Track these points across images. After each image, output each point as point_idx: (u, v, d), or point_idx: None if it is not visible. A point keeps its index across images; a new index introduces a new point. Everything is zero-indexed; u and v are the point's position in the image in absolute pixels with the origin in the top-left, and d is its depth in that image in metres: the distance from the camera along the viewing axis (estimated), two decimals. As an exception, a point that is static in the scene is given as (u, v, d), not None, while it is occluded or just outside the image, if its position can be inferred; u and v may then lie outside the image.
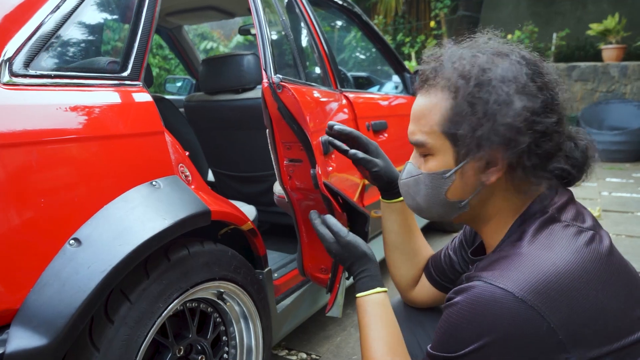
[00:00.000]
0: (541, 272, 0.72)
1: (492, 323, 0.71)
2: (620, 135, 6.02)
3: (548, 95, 0.80)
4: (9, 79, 0.98)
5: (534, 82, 0.79)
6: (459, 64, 0.82)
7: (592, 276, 0.73)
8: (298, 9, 1.97)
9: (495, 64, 0.80)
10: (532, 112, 0.77)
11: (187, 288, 1.20)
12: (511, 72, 0.79)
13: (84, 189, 1.03)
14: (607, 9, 7.63)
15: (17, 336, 0.90)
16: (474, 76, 0.80)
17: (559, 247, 0.75)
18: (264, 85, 1.41)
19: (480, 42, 0.88)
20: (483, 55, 0.82)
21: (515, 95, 0.77)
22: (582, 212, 0.85)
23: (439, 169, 0.86)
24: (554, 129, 0.79)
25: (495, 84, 0.78)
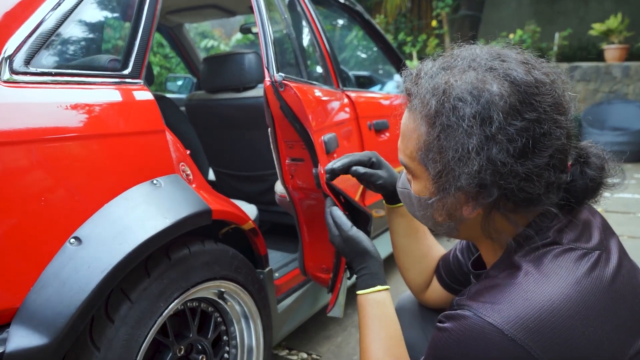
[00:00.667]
0: (534, 308, 0.67)
1: (479, 358, 0.68)
2: (622, 135, 6.00)
3: (536, 133, 0.70)
4: (9, 77, 0.98)
5: (516, 119, 0.69)
6: (433, 89, 0.75)
7: (592, 311, 0.68)
8: (300, 8, 1.96)
9: (467, 101, 0.70)
10: (503, 163, 0.69)
11: (187, 287, 1.20)
12: (485, 113, 0.69)
13: (84, 187, 1.03)
14: (609, 9, 7.61)
15: (17, 335, 0.90)
16: (442, 114, 0.72)
17: (556, 277, 0.70)
18: (266, 84, 1.41)
19: (469, 53, 0.78)
20: (460, 82, 0.73)
21: (482, 145, 0.69)
22: (588, 227, 0.78)
23: (421, 194, 0.83)
24: (538, 172, 0.70)
25: (460, 132, 0.70)
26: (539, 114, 0.70)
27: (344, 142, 1.87)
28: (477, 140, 0.69)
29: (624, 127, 6.08)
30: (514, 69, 0.72)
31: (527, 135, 0.69)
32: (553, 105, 0.72)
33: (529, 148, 0.69)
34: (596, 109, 6.50)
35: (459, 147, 0.70)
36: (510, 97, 0.69)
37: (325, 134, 1.58)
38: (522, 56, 0.77)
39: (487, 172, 0.69)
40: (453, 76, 0.74)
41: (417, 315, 1.24)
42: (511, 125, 0.69)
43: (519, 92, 0.70)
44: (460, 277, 1.12)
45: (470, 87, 0.71)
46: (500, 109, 0.69)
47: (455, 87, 0.72)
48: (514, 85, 0.71)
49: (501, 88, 0.70)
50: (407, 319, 1.26)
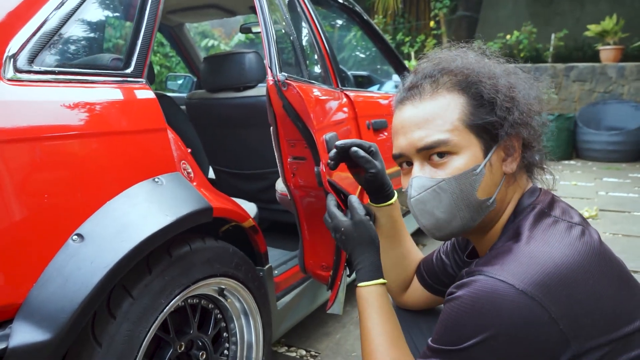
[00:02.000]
0: (540, 265, 0.74)
1: (495, 315, 0.72)
2: (617, 135, 6.03)
3: (534, 89, 0.89)
4: (13, 75, 0.99)
5: (524, 73, 0.90)
6: (460, 63, 0.88)
7: (588, 267, 0.75)
8: (300, 8, 1.97)
9: (497, 61, 0.90)
10: (539, 99, 0.88)
11: (188, 284, 1.21)
12: (508, 66, 0.90)
13: (87, 184, 1.04)
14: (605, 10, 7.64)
15: (20, 331, 0.91)
16: (487, 70, 0.87)
17: (554, 240, 0.78)
18: (269, 83, 1.42)
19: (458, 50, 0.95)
20: (473, 54, 0.92)
21: (526, 83, 0.87)
22: (568, 209, 0.88)
23: (467, 166, 0.84)
24: (545, 120, 0.90)
25: (510, 74, 0.88)
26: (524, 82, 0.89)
27: (344, 140, 1.88)
28: (523, 80, 0.89)
29: (619, 126, 6.11)
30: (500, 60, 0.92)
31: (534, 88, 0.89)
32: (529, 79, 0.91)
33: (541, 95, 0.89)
34: (592, 108, 6.53)
35: (519, 83, 0.87)
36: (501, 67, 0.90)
37: (326, 133, 1.60)
38: None
39: (536, 104, 0.87)
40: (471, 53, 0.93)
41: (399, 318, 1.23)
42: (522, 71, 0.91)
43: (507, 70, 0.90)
44: (444, 278, 1.13)
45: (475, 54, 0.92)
46: (511, 65, 0.91)
47: (464, 57, 0.91)
48: (504, 65, 0.91)
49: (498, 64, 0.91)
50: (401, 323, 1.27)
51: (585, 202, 4.14)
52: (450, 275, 1.12)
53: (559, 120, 6.21)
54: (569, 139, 6.39)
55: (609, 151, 6.07)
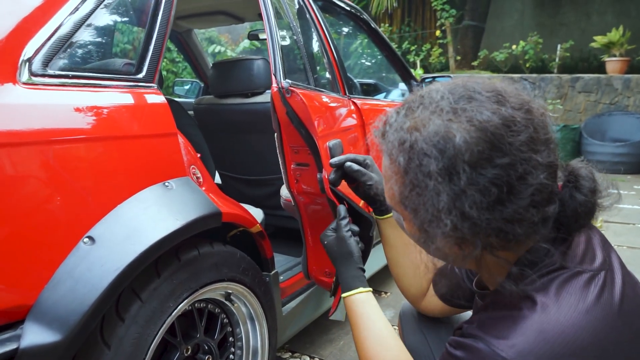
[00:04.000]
0: (547, 341, 0.65)
1: None
2: (622, 147, 6.03)
3: (511, 177, 0.65)
4: (28, 78, 1.00)
5: (485, 168, 0.65)
6: (400, 140, 0.72)
7: (604, 339, 0.66)
8: (309, 15, 1.99)
9: (433, 155, 0.67)
10: (478, 215, 0.66)
11: (196, 288, 1.22)
12: (451, 167, 0.66)
13: (99, 187, 1.04)
14: (611, 22, 7.67)
15: (31, 332, 0.91)
16: (410, 171, 0.70)
17: (567, 307, 0.67)
18: (273, 90, 1.43)
19: (438, 96, 0.73)
20: (427, 131, 0.68)
21: (453, 201, 0.67)
22: (590, 245, 0.76)
23: (411, 234, 0.80)
24: (519, 215, 0.67)
25: (429, 192, 0.68)
26: (512, 157, 0.65)
27: (350, 148, 1.89)
28: (446, 199, 0.66)
29: (625, 138, 6.11)
30: (481, 111, 0.67)
31: (501, 182, 0.65)
32: (528, 143, 0.66)
33: (505, 195, 0.66)
34: (597, 120, 6.54)
35: (429, 207, 0.69)
36: (477, 145, 0.65)
37: (330, 140, 1.61)
38: (494, 87, 0.71)
39: (464, 227, 0.67)
40: (418, 127, 0.70)
41: (419, 320, 1.25)
42: (481, 175, 0.65)
43: (487, 138, 0.65)
44: (458, 290, 1.10)
45: (435, 139, 0.67)
46: (467, 160, 0.65)
47: (419, 140, 0.69)
48: (481, 131, 0.65)
49: (467, 136, 0.65)
50: (410, 324, 1.28)
51: (590, 213, 4.14)
52: (462, 288, 1.09)
53: (565, 131, 6.22)
54: (574, 150, 6.39)
55: (614, 163, 6.06)
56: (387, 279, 2.82)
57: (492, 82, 0.74)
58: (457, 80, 0.76)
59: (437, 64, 8.70)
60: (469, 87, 0.72)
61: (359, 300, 1.04)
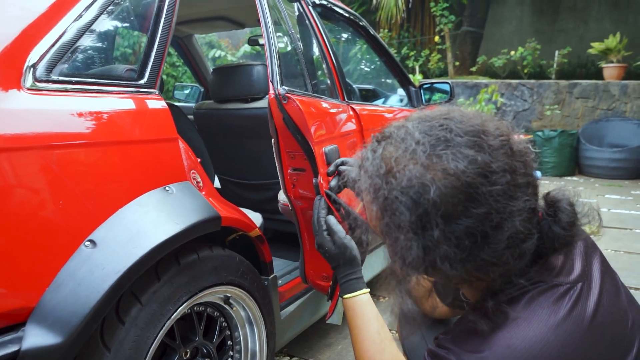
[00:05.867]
0: (515, 356, 0.66)
1: None
2: (620, 152, 6.06)
3: (486, 226, 0.65)
4: (32, 84, 1.01)
5: (460, 218, 0.65)
6: (375, 195, 0.72)
7: (571, 353, 0.66)
8: (308, 22, 2.01)
9: (405, 205, 0.66)
10: (450, 264, 0.67)
11: (195, 292, 1.23)
12: (424, 219, 0.65)
13: (100, 192, 1.06)
14: (608, 28, 7.71)
15: (32, 334, 0.92)
16: (384, 215, 0.70)
17: (538, 321, 0.68)
18: (270, 96, 1.45)
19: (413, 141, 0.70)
20: (398, 187, 0.68)
21: (425, 250, 0.67)
22: (570, 256, 0.77)
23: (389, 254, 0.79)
24: (493, 260, 0.67)
25: (402, 237, 0.68)
26: (488, 207, 0.64)
27: (349, 153, 1.91)
28: (418, 250, 0.67)
29: (622, 144, 6.14)
30: (457, 159, 0.65)
31: (475, 232, 0.65)
32: (505, 191, 0.65)
33: (479, 243, 0.65)
34: (594, 125, 6.57)
35: (400, 256, 0.69)
36: (452, 197, 0.64)
37: (326, 146, 1.62)
38: (473, 127, 0.69)
39: (437, 274, 0.69)
40: (393, 173, 0.69)
41: (418, 322, 1.27)
42: (456, 224, 0.65)
43: (462, 189, 0.64)
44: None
45: (409, 190, 0.66)
46: (442, 212, 0.64)
47: (394, 188, 0.68)
48: (457, 181, 0.64)
49: (442, 188, 0.64)
50: (409, 325, 1.30)
51: (587, 219, 4.15)
52: None
53: (562, 137, 6.24)
54: (571, 156, 6.41)
55: (611, 168, 6.09)
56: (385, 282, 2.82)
57: (473, 117, 0.71)
58: (437, 116, 0.73)
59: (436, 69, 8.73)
60: (447, 126, 0.69)
61: (362, 301, 1.06)
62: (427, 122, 0.72)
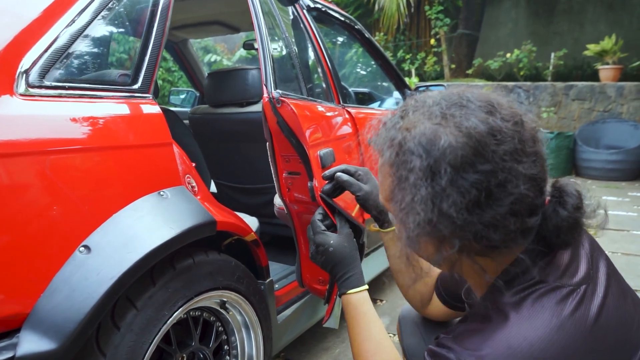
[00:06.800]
0: (515, 356, 0.66)
1: None
2: (616, 154, 6.07)
3: (491, 184, 0.68)
4: (25, 90, 1.01)
5: (468, 172, 0.68)
6: (391, 140, 0.76)
7: (572, 354, 0.67)
8: (302, 25, 2.02)
9: (419, 155, 0.70)
10: (456, 215, 0.69)
11: (191, 296, 1.23)
12: (435, 168, 0.69)
13: (94, 197, 1.06)
14: (604, 31, 7.75)
15: (27, 340, 0.92)
16: (396, 167, 0.74)
17: (540, 321, 0.69)
18: (264, 100, 1.45)
19: (431, 101, 0.76)
20: (416, 132, 0.72)
21: (432, 199, 0.69)
22: (575, 258, 0.77)
23: (400, 234, 0.81)
24: (496, 221, 0.69)
25: (410, 187, 0.71)
26: (494, 165, 0.68)
27: (345, 156, 1.91)
28: (425, 193, 0.69)
29: (618, 145, 6.16)
30: (469, 118, 0.70)
31: (480, 187, 0.68)
32: (511, 153, 0.69)
33: (483, 200, 0.68)
34: (591, 127, 6.59)
35: (407, 199, 0.72)
36: (462, 149, 0.68)
37: (321, 149, 1.63)
38: (488, 98, 0.74)
39: (442, 224, 0.70)
40: (409, 127, 0.74)
41: (418, 324, 1.27)
42: (462, 178, 0.68)
43: (471, 144, 0.68)
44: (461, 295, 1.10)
45: (422, 140, 0.70)
46: (451, 162, 0.68)
47: (408, 139, 0.72)
48: (467, 137, 0.68)
49: (453, 140, 0.68)
50: (409, 327, 1.30)
51: (584, 220, 4.16)
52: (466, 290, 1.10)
53: (559, 139, 6.26)
54: (568, 157, 6.43)
55: (608, 170, 6.11)
56: (383, 286, 2.83)
57: (489, 93, 0.76)
58: (455, 89, 0.79)
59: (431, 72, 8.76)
60: (463, 95, 0.75)
61: (364, 298, 1.04)
62: (446, 93, 0.78)
